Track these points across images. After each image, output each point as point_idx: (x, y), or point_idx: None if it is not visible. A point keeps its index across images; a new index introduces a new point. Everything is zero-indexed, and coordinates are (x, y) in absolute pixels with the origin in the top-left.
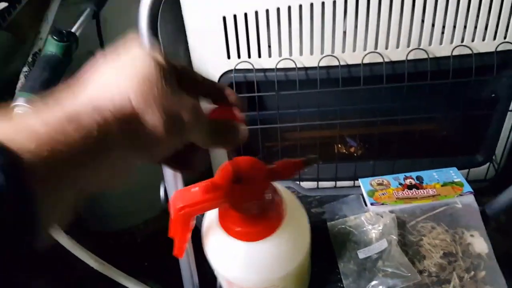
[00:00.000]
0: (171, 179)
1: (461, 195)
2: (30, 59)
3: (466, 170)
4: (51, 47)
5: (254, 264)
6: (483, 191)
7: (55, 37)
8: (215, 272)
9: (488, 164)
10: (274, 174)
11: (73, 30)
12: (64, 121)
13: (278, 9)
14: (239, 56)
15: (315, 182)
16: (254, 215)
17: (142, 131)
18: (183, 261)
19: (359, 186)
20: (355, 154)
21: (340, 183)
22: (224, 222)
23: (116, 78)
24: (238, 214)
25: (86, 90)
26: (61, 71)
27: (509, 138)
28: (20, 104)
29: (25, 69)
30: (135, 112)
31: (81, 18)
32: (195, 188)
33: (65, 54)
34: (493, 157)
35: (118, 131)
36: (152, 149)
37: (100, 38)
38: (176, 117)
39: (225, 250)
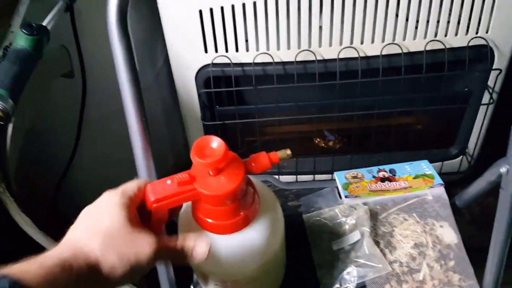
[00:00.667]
0: (144, 174)
1: (432, 187)
2: (0, 53)
3: (441, 163)
4: (21, 40)
5: (228, 256)
6: (457, 183)
7: (24, 31)
8: (192, 266)
9: (461, 157)
10: (250, 168)
11: (44, 23)
12: (51, 266)
13: (254, 3)
14: (216, 51)
15: (294, 176)
16: (228, 208)
17: (102, 275)
18: None
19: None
20: (333, 148)
21: (318, 177)
22: (198, 216)
23: (86, 233)
24: (212, 207)
25: (66, 242)
26: (31, 65)
27: (481, 131)
28: None
29: None
30: (98, 261)
31: (53, 11)
32: (169, 181)
33: (35, 48)
34: (466, 150)
35: (84, 276)
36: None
37: (75, 32)
38: (131, 266)
39: None
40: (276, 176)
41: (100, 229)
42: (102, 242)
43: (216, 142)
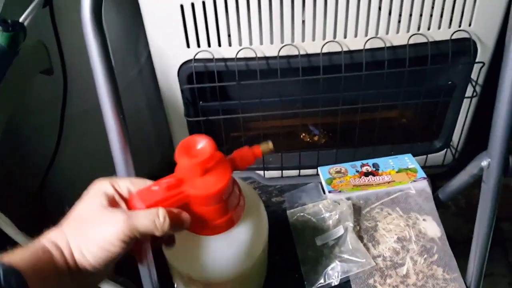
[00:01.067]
0: (123, 172)
1: (415, 181)
2: None
3: (426, 156)
4: None
5: (213, 259)
6: (442, 176)
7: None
8: (171, 268)
9: (445, 150)
10: (234, 164)
11: (21, 19)
12: (35, 250)
13: (236, 0)
14: (198, 45)
15: (280, 171)
16: (217, 208)
17: (76, 263)
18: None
19: None
20: (318, 143)
21: (304, 171)
22: None
23: (66, 221)
24: (201, 207)
25: (51, 232)
26: (6, 62)
27: (465, 124)
28: None
29: None
30: (69, 247)
31: (30, 7)
32: (156, 187)
33: (10, 45)
34: (451, 143)
35: (61, 265)
36: (92, 280)
37: (55, 28)
38: (99, 248)
39: (184, 245)
40: (261, 172)
41: (73, 215)
42: (72, 227)
43: (202, 141)
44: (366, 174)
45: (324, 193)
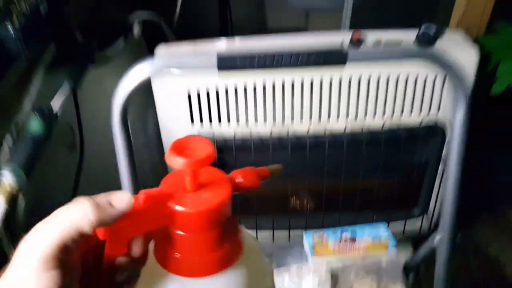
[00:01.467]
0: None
1: (387, 249)
2: (13, 130)
3: (404, 222)
4: (34, 124)
5: None
6: (419, 242)
7: (37, 115)
8: None
9: (421, 218)
10: (236, 184)
11: (55, 109)
12: None
13: (235, 90)
14: (201, 121)
15: (271, 231)
16: (210, 236)
17: None
18: None
19: None
20: (306, 208)
21: (293, 232)
22: (166, 253)
23: None
24: (186, 234)
25: None
26: (42, 147)
27: (439, 195)
28: (6, 176)
29: (9, 139)
30: None
31: (60, 93)
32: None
33: (46, 131)
34: (428, 211)
35: None
36: None
37: (78, 112)
38: None
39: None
40: (253, 233)
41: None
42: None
43: (199, 141)
44: (345, 241)
45: (307, 256)
